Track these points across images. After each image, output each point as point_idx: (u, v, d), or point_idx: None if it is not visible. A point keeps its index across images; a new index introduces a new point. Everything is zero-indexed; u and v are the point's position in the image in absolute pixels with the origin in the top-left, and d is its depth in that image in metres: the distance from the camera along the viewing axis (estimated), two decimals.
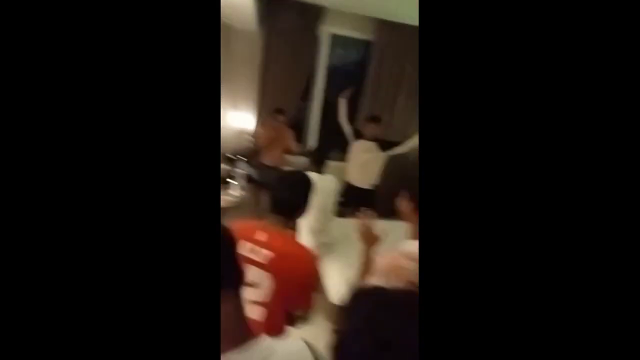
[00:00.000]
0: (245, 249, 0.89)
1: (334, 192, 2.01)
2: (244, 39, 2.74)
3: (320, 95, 3.10)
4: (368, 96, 3.05)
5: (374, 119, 2.69)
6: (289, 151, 2.73)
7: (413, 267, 0.73)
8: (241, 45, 2.75)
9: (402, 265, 0.77)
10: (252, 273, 0.89)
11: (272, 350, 0.47)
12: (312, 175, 1.91)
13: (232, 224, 0.96)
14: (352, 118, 2.86)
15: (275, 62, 2.75)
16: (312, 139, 3.19)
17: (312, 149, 3.09)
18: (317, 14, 2.70)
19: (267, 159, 2.64)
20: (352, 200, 2.78)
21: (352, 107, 2.89)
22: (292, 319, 1.02)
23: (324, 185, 1.97)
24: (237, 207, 2.11)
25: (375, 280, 0.81)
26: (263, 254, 0.88)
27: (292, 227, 1.03)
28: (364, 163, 2.70)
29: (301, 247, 0.98)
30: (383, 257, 0.87)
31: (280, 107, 2.68)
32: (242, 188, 2.15)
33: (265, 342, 0.48)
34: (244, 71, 2.82)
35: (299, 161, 2.82)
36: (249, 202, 2.15)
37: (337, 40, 3.03)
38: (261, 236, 0.92)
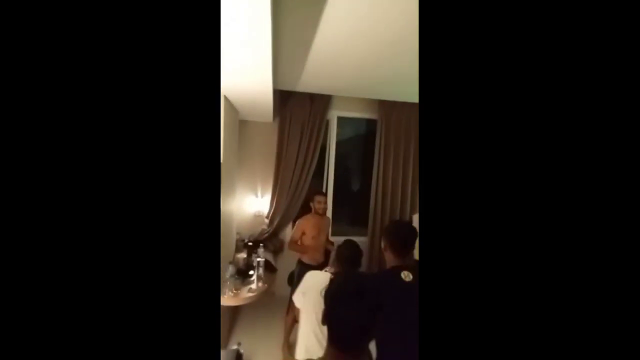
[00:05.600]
0: None
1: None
2: (261, 130, 3.00)
3: (332, 170, 3.20)
4: (376, 166, 3.16)
5: None
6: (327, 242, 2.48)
7: None
8: (259, 136, 3.01)
9: None
10: None
11: None
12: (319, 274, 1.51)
13: None
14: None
15: (290, 147, 2.94)
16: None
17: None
18: (325, 101, 2.98)
19: (308, 258, 2.34)
20: None
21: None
22: None
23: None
24: (257, 301, 2.01)
25: None
26: None
27: None
28: None
29: None
30: None
31: (319, 190, 2.66)
32: (260, 277, 2.07)
33: None
34: (262, 159, 3.03)
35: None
36: (266, 292, 2.04)
37: (344, 122, 3.25)
38: None
